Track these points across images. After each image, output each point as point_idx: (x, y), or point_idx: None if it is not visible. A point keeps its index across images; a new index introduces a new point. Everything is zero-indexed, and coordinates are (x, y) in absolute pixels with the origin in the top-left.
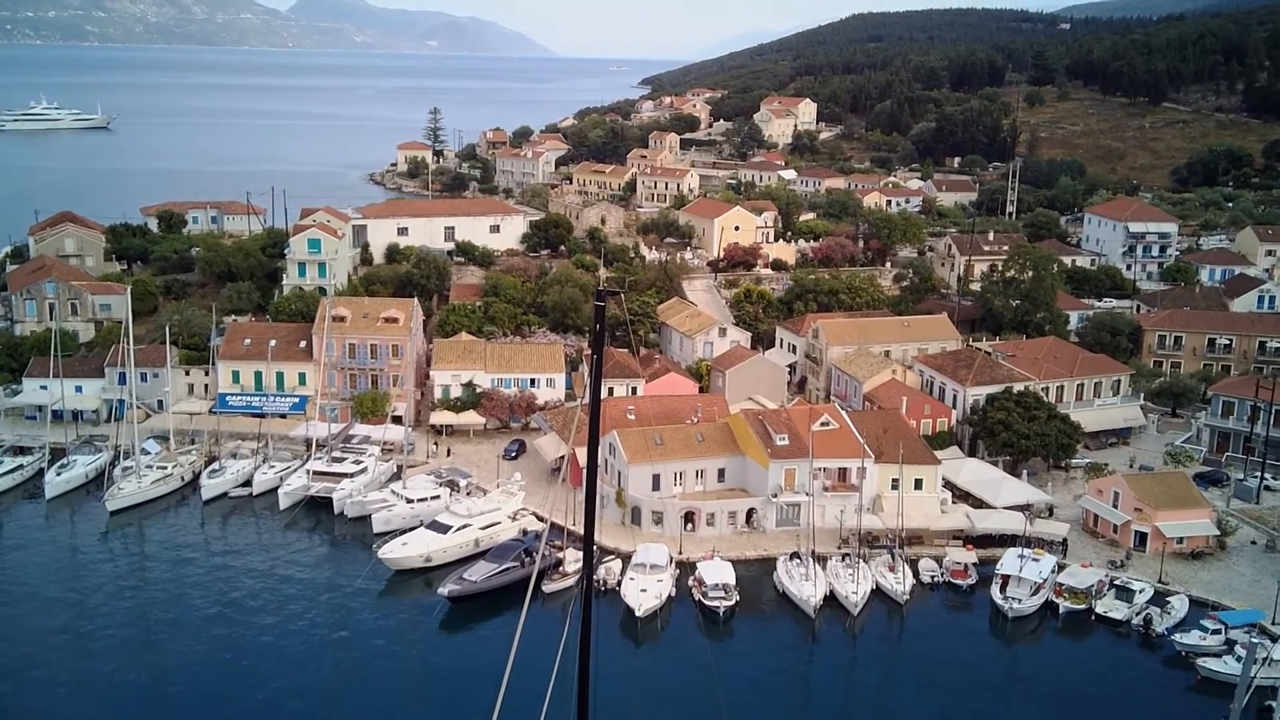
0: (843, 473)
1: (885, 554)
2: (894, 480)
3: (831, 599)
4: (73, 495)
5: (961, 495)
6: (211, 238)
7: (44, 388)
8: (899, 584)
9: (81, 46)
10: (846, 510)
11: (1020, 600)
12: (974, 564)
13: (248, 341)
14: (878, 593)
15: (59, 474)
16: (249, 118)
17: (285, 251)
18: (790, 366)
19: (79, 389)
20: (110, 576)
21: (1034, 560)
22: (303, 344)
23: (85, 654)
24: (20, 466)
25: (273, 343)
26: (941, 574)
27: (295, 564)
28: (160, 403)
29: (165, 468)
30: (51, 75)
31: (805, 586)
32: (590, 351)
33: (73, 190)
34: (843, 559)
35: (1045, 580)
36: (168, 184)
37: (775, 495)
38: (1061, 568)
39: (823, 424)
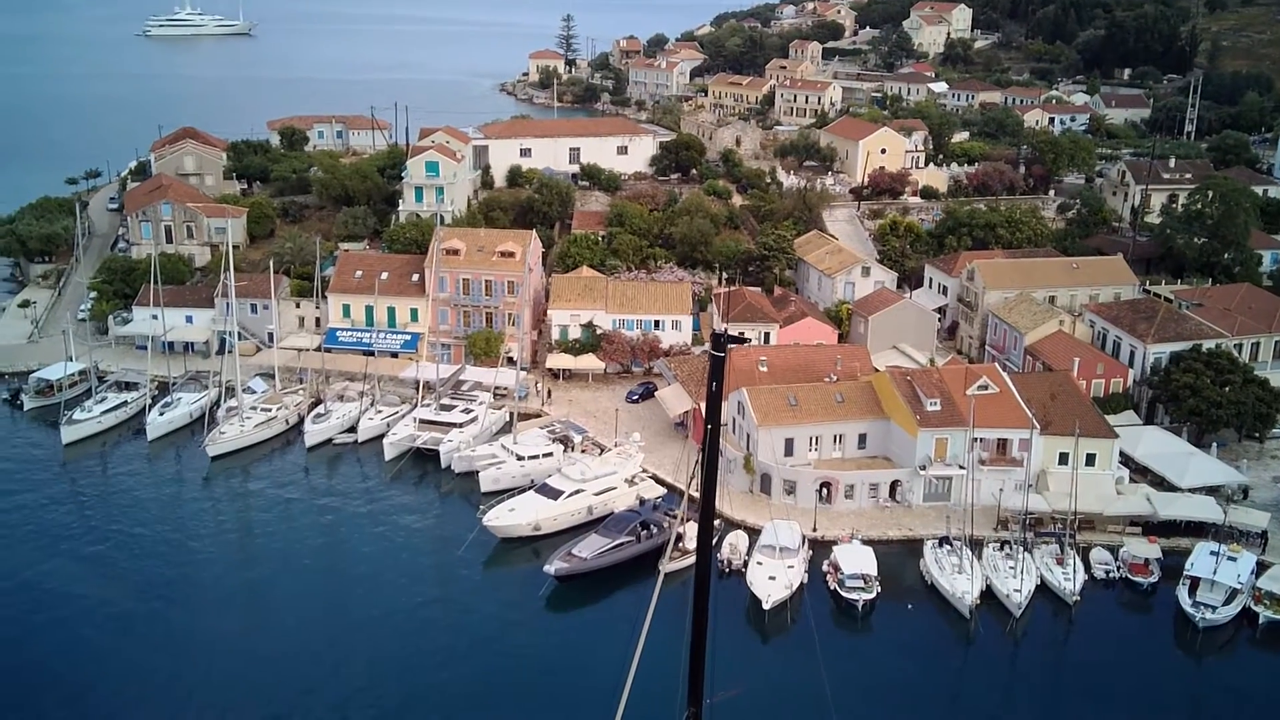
0: (1003, 444)
1: (1053, 543)
2: (1062, 454)
3: (989, 595)
4: (176, 436)
5: (1138, 470)
6: (329, 158)
7: (154, 317)
8: (1068, 580)
9: None
10: (1006, 488)
11: (1214, 608)
12: (1157, 559)
13: (359, 273)
14: (1043, 589)
15: (161, 414)
16: (388, 23)
17: (402, 175)
18: (939, 310)
19: (189, 319)
20: (212, 527)
21: (1230, 559)
22: (415, 277)
23: (186, 606)
24: (124, 403)
25: (384, 275)
26: (1117, 568)
27: (399, 524)
28: (270, 336)
29: (269, 410)
30: None
31: (958, 580)
32: (710, 389)
33: (206, 101)
34: (1001, 547)
35: (1244, 584)
36: (298, 95)
37: (924, 467)
38: (1262, 567)
39: (981, 387)
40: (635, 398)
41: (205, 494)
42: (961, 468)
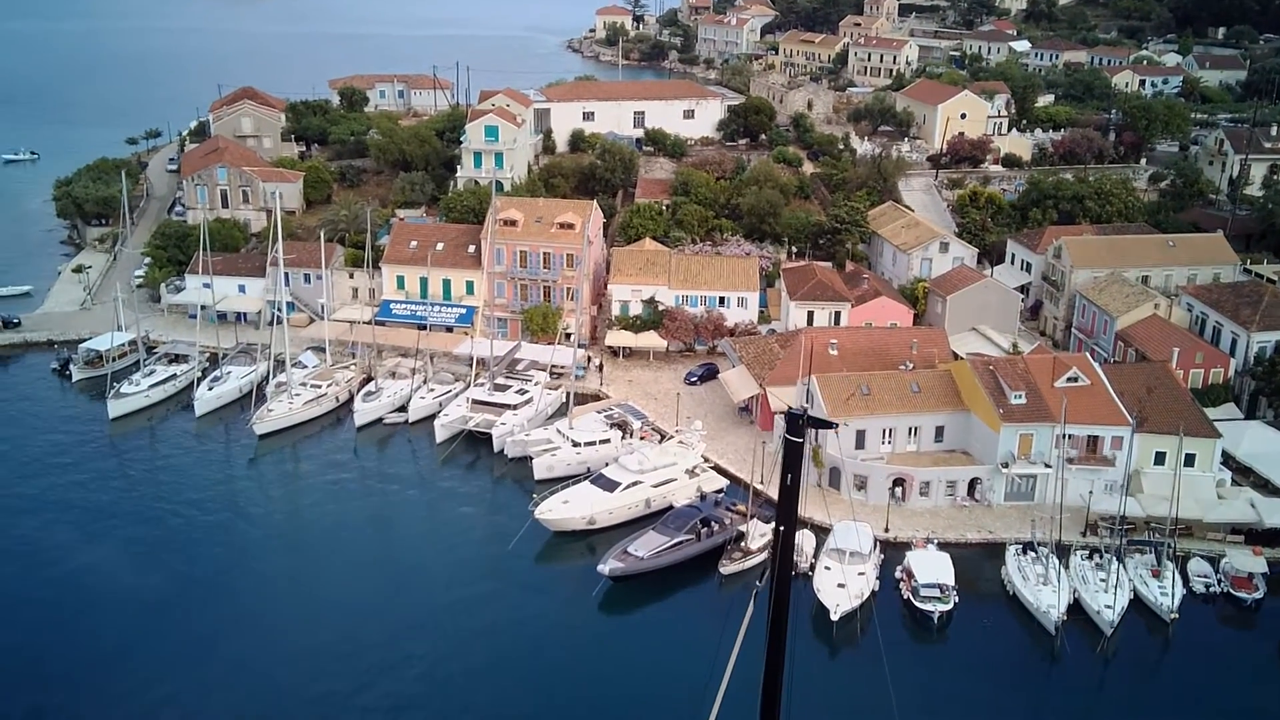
0: (1093, 441)
1: (1148, 552)
2: (1158, 453)
3: (1077, 609)
4: (224, 411)
5: (1240, 471)
6: (388, 120)
7: (206, 285)
8: (1165, 595)
9: None
10: (1096, 489)
11: None
12: (1262, 573)
13: (414, 244)
14: (1136, 604)
15: (210, 389)
16: None
17: (461, 139)
18: (1022, 288)
19: (241, 289)
20: (259, 511)
21: None
22: (472, 249)
23: (231, 593)
24: (173, 377)
25: (439, 246)
26: (1218, 582)
27: (449, 513)
28: (323, 307)
29: (319, 387)
30: None
31: (1044, 593)
32: (784, 482)
33: (268, 58)
34: (1090, 556)
35: None
36: (361, 51)
37: (1006, 465)
38: None
39: (1070, 379)
40: (694, 379)
41: (252, 475)
42: (1047, 466)
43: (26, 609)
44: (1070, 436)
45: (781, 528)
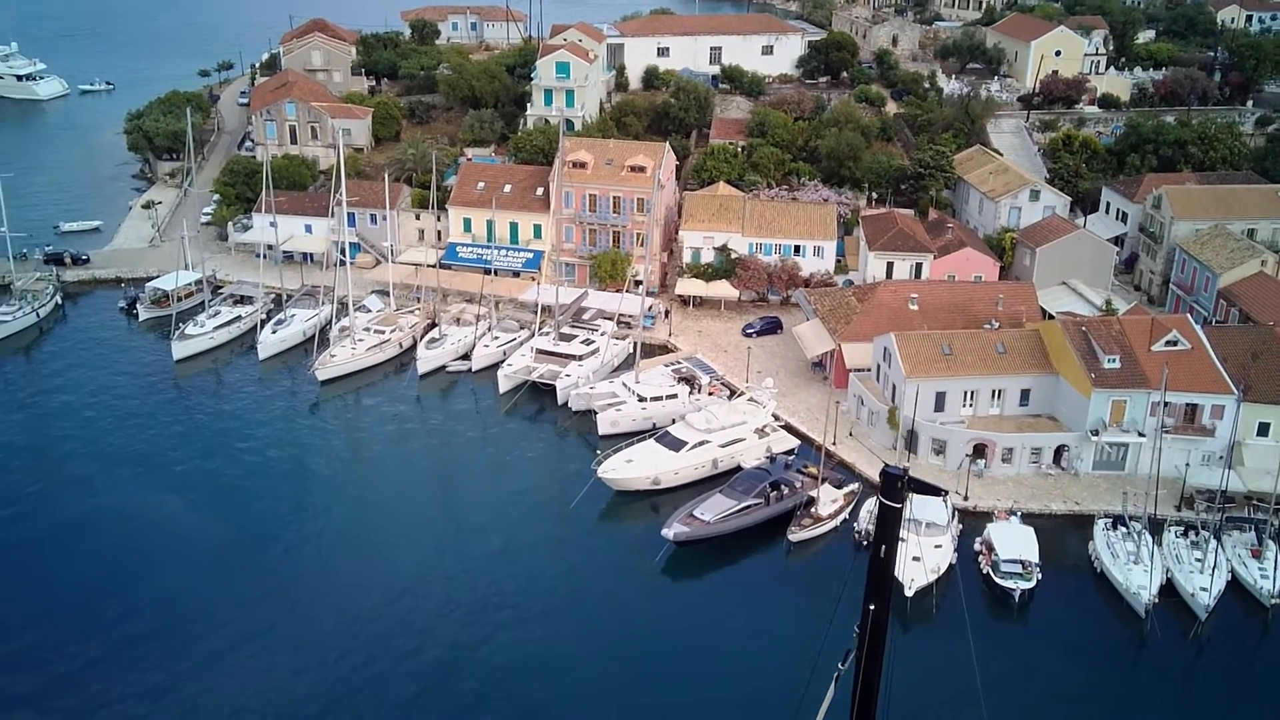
0: (1192, 410)
1: (1248, 530)
2: (1262, 424)
3: (1169, 590)
4: (288, 355)
5: None
6: (458, 55)
7: (273, 224)
8: (1266, 578)
9: None
10: (1192, 461)
11: None
12: None
13: (481, 185)
14: (1234, 586)
15: (274, 331)
16: None
17: (532, 75)
18: (1116, 239)
19: (307, 229)
20: (320, 460)
21: None
22: (540, 191)
23: (285, 542)
24: (238, 318)
25: (507, 188)
26: None
27: (511, 467)
28: (391, 249)
29: (383, 332)
30: None
31: (1134, 573)
32: (876, 552)
33: None
34: (1185, 532)
35: None
36: None
37: (1096, 432)
38: None
39: (1169, 343)
40: (752, 331)
41: (314, 422)
42: (1141, 435)
43: (88, 552)
44: (1167, 404)
45: (871, 606)
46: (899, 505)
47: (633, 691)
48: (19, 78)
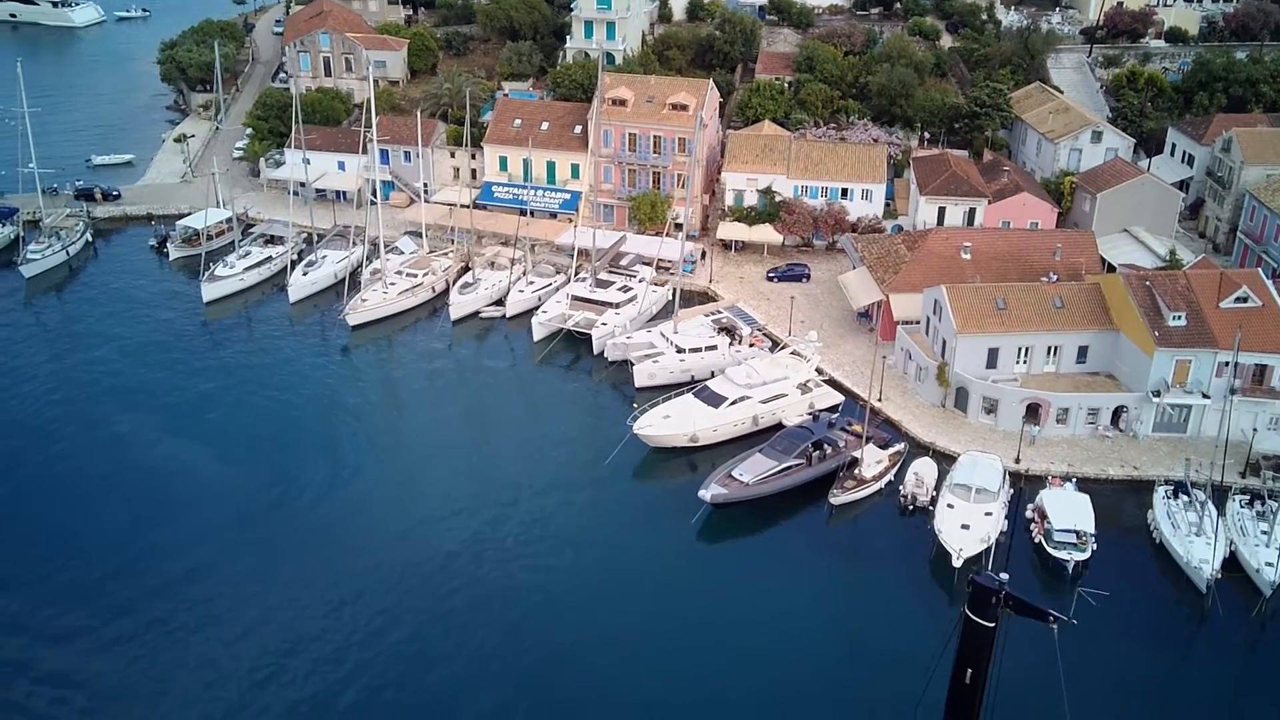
0: (1261, 371)
1: None
2: None
3: (1233, 563)
4: (319, 298)
5: None
6: None
7: (306, 161)
8: None
9: None
10: (1260, 425)
11: None
12: None
13: (518, 122)
14: None
15: (305, 273)
16: None
17: (572, 6)
18: (1181, 184)
19: (340, 165)
20: (351, 408)
21: None
22: (578, 129)
23: (323, 499)
24: (268, 259)
25: (544, 125)
26: None
27: (544, 420)
28: (425, 188)
29: (415, 276)
30: None
31: (1196, 545)
32: (956, 677)
33: None
34: (1250, 503)
35: None
36: None
37: (1157, 393)
38: None
39: (1239, 299)
40: (774, 277)
41: (345, 368)
42: (1206, 397)
43: (117, 499)
44: (1234, 364)
45: None
46: (992, 625)
47: (662, 657)
48: (54, 3)
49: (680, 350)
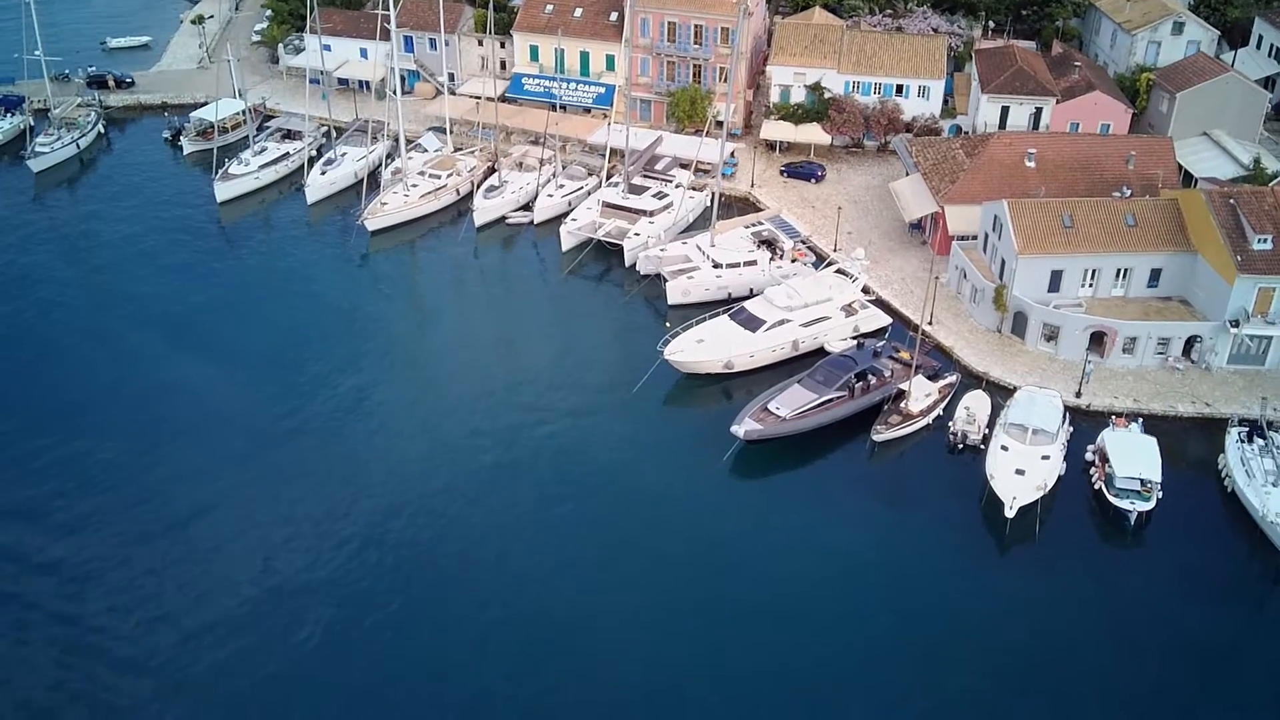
0: None
1: None
2: None
3: None
4: (339, 198)
5: None
6: None
7: (328, 49)
8: None
9: None
10: None
11: None
12: None
13: (550, 8)
14: None
15: (323, 172)
16: None
17: None
18: (1266, 81)
19: (363, 53)
20: (373, 311)
21: None
22: (614, 16)
23: (345, 418)
24: (285, 156)
25: (578, 12)
26: None
27: (570, 341)
28: (451, 78)
29: (439, 177)
30: None
31: (1273, 496)
32: None
33: None
34: None
35: None
36: None
37: (1236, 323)
38: None
39: None
40: (784, 173)
41: (364, 276)
42: None
43: (128, 415)
44: None
45: None
46: None
47: (688, 598)
48: None
49: (717, 265)
